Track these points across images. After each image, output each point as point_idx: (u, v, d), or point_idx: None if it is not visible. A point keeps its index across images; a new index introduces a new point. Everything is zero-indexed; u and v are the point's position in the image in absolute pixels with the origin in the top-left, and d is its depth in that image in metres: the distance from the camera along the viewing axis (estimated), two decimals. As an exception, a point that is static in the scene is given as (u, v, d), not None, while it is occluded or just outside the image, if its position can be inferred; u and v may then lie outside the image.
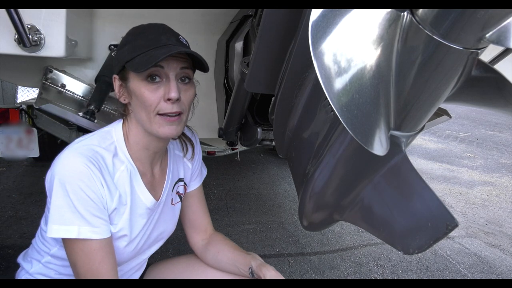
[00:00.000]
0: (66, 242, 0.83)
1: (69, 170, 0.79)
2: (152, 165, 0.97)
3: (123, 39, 0.88)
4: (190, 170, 1.11)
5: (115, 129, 0.92)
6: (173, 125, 0.85)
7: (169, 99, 0.82)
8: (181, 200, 1.10)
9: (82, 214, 0.79)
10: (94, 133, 0.91)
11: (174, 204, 1.07)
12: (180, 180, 1.08)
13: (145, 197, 0.93)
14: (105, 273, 0.82)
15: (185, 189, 1.11)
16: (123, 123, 0.93)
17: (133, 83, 0.84)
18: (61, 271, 0.95)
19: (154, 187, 0.97)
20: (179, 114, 0.86)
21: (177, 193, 1.08)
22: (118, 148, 0.89)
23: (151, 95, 0.82)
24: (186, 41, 0.89)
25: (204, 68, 0.89)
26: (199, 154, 1.14)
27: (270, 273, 0.96)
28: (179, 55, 0.84)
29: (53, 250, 0.93)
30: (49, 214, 0.80)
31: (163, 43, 0.82)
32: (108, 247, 0.84)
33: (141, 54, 0.80)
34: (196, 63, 0.89)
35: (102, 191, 0.82)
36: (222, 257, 1.08)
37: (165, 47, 0.81)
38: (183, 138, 1.09)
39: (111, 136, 0.90)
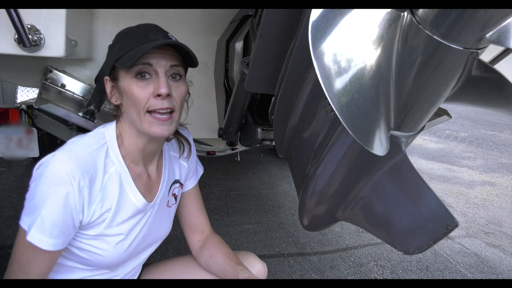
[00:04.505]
0: (20, 231, 0.80)
1: (55, 174, 0.77)
2: (147, 167, 0.96)
3: (113, 41, 0.88)
4: (186, 170, 1.10)
5: (108, 129, 0.90)
6: (164, 125, 0.84)
7: (158, 95, 0.82)
8: (176, 202, 1.09)
9: (43, 219, 0.77)
10: (91, 133, 0.90)
11: (169, 206, 1.06)
12: (176, 181, 1.07)
13: (136, 198, 0.92)
14: (33, 273, 0.80)
15: (182, 189, 1.10)
16: (116, 124, 0.92)
17: (123, 81, 0.84)
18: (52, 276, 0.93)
19: (150, 189, 0.96)
20: (170, 112, 0.84)
21: (173, 195, 1.07)
22: (110, 149, 0.88)
23: (140, 91, 0.82)
24: (175, 39, 0.87)
25: (193, 63, 0.88)
26: (194, 152, 1.13)
27: None
28: (169, 53, 0.84)
29: None
30: (25, 202, 0.79)
31: (151, 39, 0.82)
32: (47, 258, 0.80)
33: (129, 51, 0.81)
34: (186, 60, 0.88)
35: (76, 203, 0.79)
36: (213, 264, 1.07)
37: (153, 41, 0.81)
38: (180, 138, 1.07)
39: (104, 136, 0.89)
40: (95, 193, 0.83)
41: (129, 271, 1.02)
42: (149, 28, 0.86)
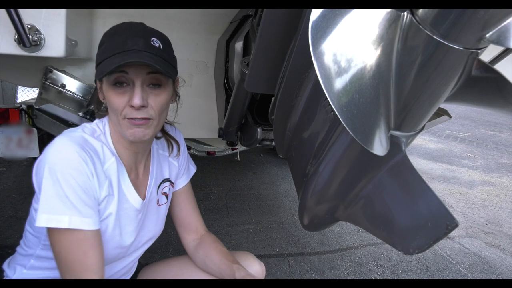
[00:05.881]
0: (52, 232, 0.79)
1: (61, 158, 0.77)
2: (136, 165, 0.97)
3: (102, 37, 0.86)
4: (176, 168, 1.10)
5: (103, 123, 0.92)
6: (140, 128, 0.84)
7: (132, 106, 0.81)
8: (167, 201, 1.09)
9: (73, 203, 0.77)
10: (83, 125, 0.91)
11: (160, 205, 1.06)
12: (166, 180, 1.07)
13: (132, 198, 0.93)
14: (90, 264, 0.79)
15: (172, 187, 1.10)
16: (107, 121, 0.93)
17: (104, 85, 0.84)
18: (48, 275, 0.93)
19: (138, 187, 0.97)
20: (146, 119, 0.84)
21: (164, 193, 1.07)
22: (106, 141, 0.90)
23: (116, 99, 0.82)
24: (160, 43, 0.83)
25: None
26: (184, 151, 1.13)
27: None
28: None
29: (37, 251, 0.92)
30: (39, 203, 0.77)
31: (128, 48, 0.79)
32: (95, 239, 0.81)
33: (107, 58, 0.79)
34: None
35: (92, 181, 0.81)
36: (209, 263, 1.07)
37: (127, 53, 0.78)
38: (167, 137, 1.08)
39: (100, 129, 0.91)
40: (101, 176, 0.84)
41: (120, 269, 1.02)
42: (131, 32, 0.81)
